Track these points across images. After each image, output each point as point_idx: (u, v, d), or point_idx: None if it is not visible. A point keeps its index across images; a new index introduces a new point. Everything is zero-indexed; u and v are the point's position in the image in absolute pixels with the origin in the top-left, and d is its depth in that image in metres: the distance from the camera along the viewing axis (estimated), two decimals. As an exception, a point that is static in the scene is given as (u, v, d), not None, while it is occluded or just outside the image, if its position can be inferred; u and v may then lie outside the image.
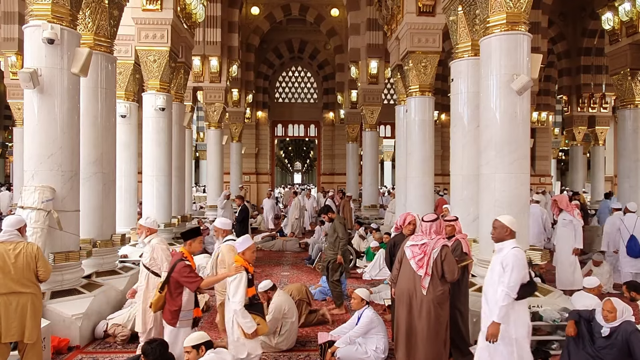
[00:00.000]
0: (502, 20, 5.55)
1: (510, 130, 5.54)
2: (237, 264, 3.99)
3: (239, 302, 3.91)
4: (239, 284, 3.92)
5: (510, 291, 3.69)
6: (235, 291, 3.92)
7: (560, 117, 22.75)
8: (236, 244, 4.11)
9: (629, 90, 10.22)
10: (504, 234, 3.91)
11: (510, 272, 3.71)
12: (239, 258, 4.05)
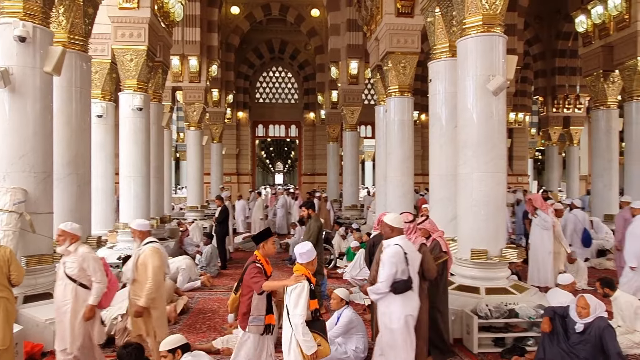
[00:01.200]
0: (478, 21, 5.63)
1: (486, 130, 5.62)
2: (299, 272, 3.55)
3: (300, 316, 3.41)
4: (300, 294, 3.44)
5: (381, 286, 3.88)
6: (296, 303, 3.42)
7: (536, 117, 23.19)
8: (300, 253, 3.63)
9: (601, 91, 10.49)
10: (389, 232, 4.03)
11: (382, 268, 3.90)
12: (301, 267, 3.61)
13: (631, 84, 9.51)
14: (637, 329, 5.09)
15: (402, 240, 4.02)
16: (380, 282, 3.92)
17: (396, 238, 4.00)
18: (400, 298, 3.96)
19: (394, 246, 3.95)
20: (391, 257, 3.90)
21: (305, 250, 3.61)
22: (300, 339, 3.39)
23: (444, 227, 6.60)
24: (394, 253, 3.91)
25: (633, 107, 9.60)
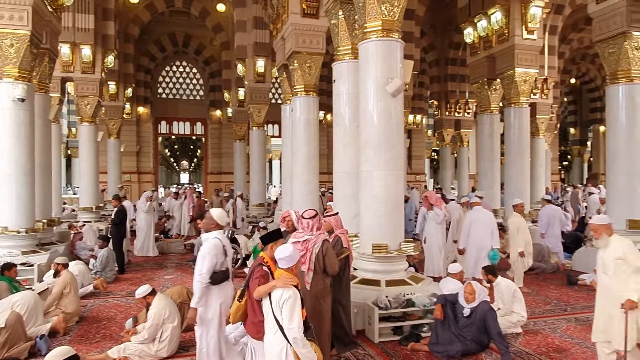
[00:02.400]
0: (378, 26, 5.90)
1: (386, 130, 5.91)
2: (288, 277, 3.26)
3: (299, 329, 3.16)
4: (293, 306, 3.17)
5: (201, 278, 4.03)
6: (290, 316, 3.15)
7: (432, 120, 24.93)
8: (280, 258, 3.34)
9: (486, 97, 11.55)
10: (211, 226, 4.25)
11: (202, 261, 4.05)
12: (284, 272, 3.31)
13: (510, 91, 10.60)
14: (515, 310, 5.68)
15: (220, 234, 4.20)
16: (201, 274, 4.00)
17: (215, 232, 4.19)
18: (217, 288, 4.13)
19: (214, 239, 4.12)
20: (212, 249, 4.05)
21: (286, 254, 3.34)
22: (301, 352, 3.16)
23: (348, 224, 6.82)
24: (214, 245, 4.08)
25: (511, 113, 10.71)
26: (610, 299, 4.02)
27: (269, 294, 3.27)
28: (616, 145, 8.30)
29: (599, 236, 4.14)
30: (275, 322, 3.21)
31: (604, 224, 4.14)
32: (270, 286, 3.27)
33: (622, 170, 8.18)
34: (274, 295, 3.22)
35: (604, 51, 8.43)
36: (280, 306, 3.18)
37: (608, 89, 8.49)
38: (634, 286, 3.88)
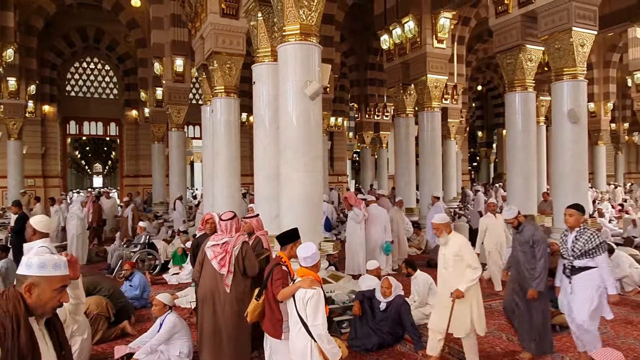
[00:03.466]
0: (296, 30, 5.99)
1: (305, 132, 6.02)
2: (313, 279, 3.26)
3: (323, 325, 3.21)
4: (318, 303, 3.21)
5: None
6: (315, 313, 3.19)
7: (353, 122, 25.64)
8: (304, 257, 3.35)
9: (402, 101, 12.15)
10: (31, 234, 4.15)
11: None
12: (306, 271, 3.33)
13: (423, 96, 11.24)
14: (429, 303, 6.04)
15: (46, 242, 4.00)
16: None
17: (38, 241, 3.97)
18: None
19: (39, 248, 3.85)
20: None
21: (309, 253, 3.36)
22: (325, 348, 3.19)
23: (268, 225, 6.84)
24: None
25: (425, 116, 11.36)
26: (447, 292, 4.37)
27: None
28: (514, 148, 9.12)
29: (440, 234, 4.45)
30: (299, 319, 3.24)
31: (444, 222, 4.45)
32: (295, 287, 3.28)
33: (519, 171, 9.01)
34: (298, 294, 3.26)
35: (502, 61, 9.23)
36: (305, 304, 3.21)
37: (507, 96, 9.31)
38: (466, 279, 4.28)
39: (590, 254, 4.23)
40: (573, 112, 7.93)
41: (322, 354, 3.20)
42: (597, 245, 4.22)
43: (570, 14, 7.74)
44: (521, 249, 4.75)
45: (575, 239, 4.32)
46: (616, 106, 22.08)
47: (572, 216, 4.37)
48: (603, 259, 4.22)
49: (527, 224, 4.87)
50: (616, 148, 24.36)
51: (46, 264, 1.82)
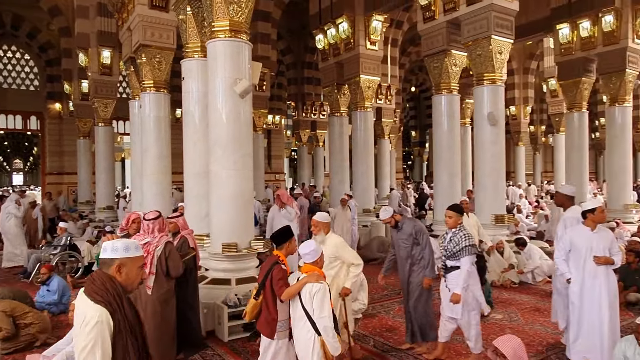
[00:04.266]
0: (225, 26, 5.91)
1: (235, 129, 5.96)
2: (318, 275, 3.34)
3: (329, 318, 3.28)
4: (324, 297, 3.29)
5: None
6: (321, 306, 3.27)
7: (290, 120, 25.69)
8: (304, 254, 3.43)
9: (336, 101, 12.33)
10: None
11: None
12: (311, 266, 3.42)
13: (356, 96, 11.49)
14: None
15: None
16: None
17: None
18: None
19: None
20: None
21: (309, 250, 3.45)
22: (329, 341, 3.26)
23: (198, 224, 6.76)
24: None
25: (358, 116, 11.61)
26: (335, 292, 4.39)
27: None
28: (440, 148, 9.57)
29: (317, 232, 4.50)
30: (304, 313, 3.32)
31: (323, 221, 4.51)
32: (302, 284, 3.34)
33: (444, 170, 9.47)
34: (304, 288, 3.33)
35: (429, 65, 9.65)
36: (312, 297, 3.29)
37: (434, 98, 9.75)
38: (350, 275, 4.43)
39: (458, 255, 4.42)
40: (492, 115, 8.45)
41: (323, 347, 3.28)
42: (463, 247, 4.40)
43: (489, 23, 8.24)
44: (404, 245, 4.88)
45: (450, 240, 4.51)
46: (534, 110, 23.79)
47: (451, 218, 4.49)
48: (466, 260, 4.39)
49: (405, 219, 5.02)
50: (534, 149, 26.25)
51: (130, 246, 2.12)
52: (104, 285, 2.02)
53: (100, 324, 1.93)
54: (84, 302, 2.00)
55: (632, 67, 10.66)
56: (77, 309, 2.02)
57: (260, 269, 3.77)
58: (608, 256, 4.32)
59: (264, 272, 3.59)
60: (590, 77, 11.58)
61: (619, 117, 11.06)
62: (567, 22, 11.12)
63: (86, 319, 1.93)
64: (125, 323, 2.03)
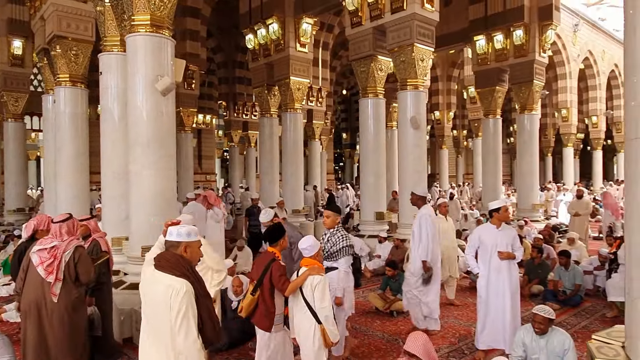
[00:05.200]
0: (146, 21, 5.69)
1: (156, 128, 5.75)
2: (318, 268, 3.66)
3: (329, 308, 3.59)
4: (324, 288, 3.60)
5: None
6: (322, 297, 3.56)
7: (222, 120, 25.23)
8: (303, 248, 3.74)
9: (266, 101, 12.30)
10: None
11: None
12: (311, 260, 3.72)
13: (286, 97, 11.52)
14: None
15: None
16: None
17: None
18: None
19: None
20: None
21: (308, 244, 3.73)
22: (329, 329, 3.53)
23: (117, 226, 6.46)
24: None
25: (288, 117, 11.65)
26: None
27: None
28: (367, 150, 9.85)
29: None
30: (305, 304, 3.57)
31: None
32: (304, 277, 3.59)
33: (370, 171, 9.76)
34: (307, 280, 3.58)
35: (357, 69, 9.91)
36: (313, 289, 3.54)
37: (361, 102, 10.02)
38: (213, 283, 4.23)
39: (335, 255, 4.48)
40: (414, 119, 8.84)
41: (323, 334, 3.53)
42: (341, 248, 4.45)
43: (412, 31, 8.62)
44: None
45: (327, 240, 4.53)
46: (457, 115, 25.19)
47: (329, 217, 4.42)
48: (343, 261, 4.46)
49: (287, 226, 4.78)
50: (457, 152, 27.78)
51: (191, 232, 2.63)
52: (179, 262, 2.52)
53: (188, 293, 2.44)
54: (165, 277, 2.48)
55: (538, 78, 11.63)
56: (158, 284, 2.49)
57: (255, 266, 3.93)
58: (510, 251, 4.68)
59: (260, 268, 3.71)
60: (504, 86, 12.47)
61: (527, 124, 12.01)
62: (483, 35, 11.90)
63: (176, 290, 2.43)
64: (200, 289, 2.56)
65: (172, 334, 2.42)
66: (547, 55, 11.96)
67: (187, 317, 2.42)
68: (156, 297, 2.48)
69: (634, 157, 2.04)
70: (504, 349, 4.63)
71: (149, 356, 2.56)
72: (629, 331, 2.15)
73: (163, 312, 2.43)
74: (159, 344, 2.48)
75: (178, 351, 2.42)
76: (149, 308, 2.56)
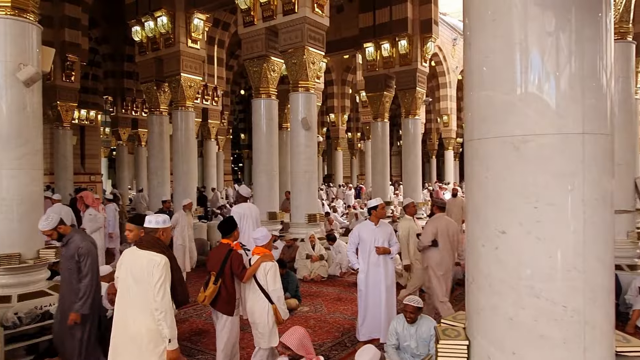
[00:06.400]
0: (7, 3, 5.12)
1: (19, 122, 5.19)
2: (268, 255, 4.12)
3: (280, 289, 4.07)
4: (275, 273, 4.06)
5: None
6: (274, 279, 4.03)
7: (109, 117, 23.48)
8: (255, 238, 4.24)
9: (155, 98, 11.71)
10: None
11: None
12: (262, 249, 4.17)
13: (177, 95, 11.06)
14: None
15: None
16: None
17: None
18: None
19: None
20: None
21: (260, 235, 4.24)
22: (281, 308, 4.00)
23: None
24: None
25: (179, 115, 11.17)
26: None
27: None
28: (260, 150, 9.83)
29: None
30: (258, 287, 4.00)
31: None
32: (258, 264, 4.03)
33: (263, 171, 9.76)
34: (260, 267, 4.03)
35: (250, 69, 9.86)
36: (266, 274, 4.00)
37: (253, 102, 9.98)
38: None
39: None
40: (305, 121, 9.03)
41: (276, 313, 3.97)
42: None
43: (303, 34, 8.80)
44: (67, 266, 4.14)
45: None
46: (351, 118, 26.26)
47: (132, 231, 3.85)
48: None
49: (75, 233, 4.25)
50: (352, 153, 28.95)
51: (166, 220, 3.42)
52: (157, 243, 3.25)
53: (166, 264, 3.12)
54: (148, 253, 3.16)
55: (420, 85, 12.56)
56: (142, 259, 3.14)
57: (211, 257, 4.23)
58: (387, 247, 4.99)
59: (219, 259, 4.08)
60: (391, 92, 13.26)
61: (412, 128, 12.90)
62: (372, 42, 12.54)
63: (157, 262, 3.10)
64: (173, 263, 3.28)
65: (152, 296, 3.08)
66: (430, 65, 12.98)
67: (164, 283, 3.11)
68: (140, 268, 3.14)
69: (469, 157, 2.31)
70: (381, 339, 4.93)
71: (133, 315, 3.16)
72: (468, 313, 2.40)
73: (146, 280, 3.10)
74: (141, 305, 3.13)
75: (155, 307, 3.08)
76: (132, 279, 3.17)
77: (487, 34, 2.21)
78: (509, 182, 2.12)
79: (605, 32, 2.09)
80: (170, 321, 3.11)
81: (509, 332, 2.13)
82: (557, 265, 2.05)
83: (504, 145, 2.12)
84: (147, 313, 3.10)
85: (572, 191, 2.03)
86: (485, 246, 2.21)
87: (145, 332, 3.11)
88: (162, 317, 3.08)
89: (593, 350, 2.07)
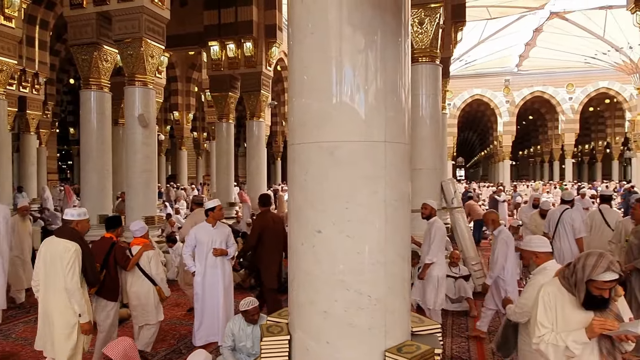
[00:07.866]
0: None
1: None
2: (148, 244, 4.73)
3: (163, 273, 4.77)
4: (157, 258, 4.73)
5: None
6: (157, 264, 4.68)
7: None
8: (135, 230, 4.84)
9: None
10: None
11: None
12: (142, 239, 4.74)
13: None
14: None
15: None
16: None
17: None
18: None
19: None
20: None
21: (139, 227, 4.88)
22: (164, 287, 4.73)
23: None
24: None
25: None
26: None
27: None
28: (89, 147, 8.90)
29: None
30: (142, 272, 4.60)
31: None
32: (141, 253, 4.61)
33: (93, 169, 8.86)
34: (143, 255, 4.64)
35: (78, 56, 8.86)
36: (149, 261, 4.64)
37: (82, 93, 9.00)
38: None
39: None
40: (143, 117, 8.46)
41: (160, 293, 4.65)
42: None
43: (141, 24, 8.22)
44: None
45: None
46: (197, 117, 25.43)
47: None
48: None
49: None
50: (197, 154, 28.06)
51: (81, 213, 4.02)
52: (72, 232, 3.82)
53: (76, 251, 3.71)
54: (62, 241, 3.73)
55: (265, 89, 12.79)
56: (58, 245, 3.71)
57: (94, 249, 4.38)
58: (224, 248, 4.97)
59: (102, 250, 4.43)
60: (236, 93, 13.22)
61: (256, 130, 13.06)
62: (217, 41, 12.34)
63: (68, 248, 3.68)
64: (86, 249, 3.86)
65: (63, 277, 3.61)
66: (277, 69, 13.28)
67: (73, 266, 3.64)
68: (56, 254, 3.67)
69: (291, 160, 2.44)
70: (218, 342, 4.88)
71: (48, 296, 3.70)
72: (290, 309, 2.53)
73: (59, 264, 3.64)
74: (54, 286, 3.67)
75: (66, 288, 3.62)
76: (48, 264, 3.69)
77: (307, 46, 2.36)
78: (325, 184, 2.30)
79: (404, 55, 2.41)
80: (79, 298, 3.67)
81: (324, 324, 2.30)
82: (364, 260, 2.29)
83: (320, 150, 2.29)
84: (58, 293, 3.66)
85: (377, 193, 2.29)
86: (304, 245, 2.35)
87: (55, 308, 3.68)
88: (72, 295, 3.64)
89: (393, 333, 2.37)
